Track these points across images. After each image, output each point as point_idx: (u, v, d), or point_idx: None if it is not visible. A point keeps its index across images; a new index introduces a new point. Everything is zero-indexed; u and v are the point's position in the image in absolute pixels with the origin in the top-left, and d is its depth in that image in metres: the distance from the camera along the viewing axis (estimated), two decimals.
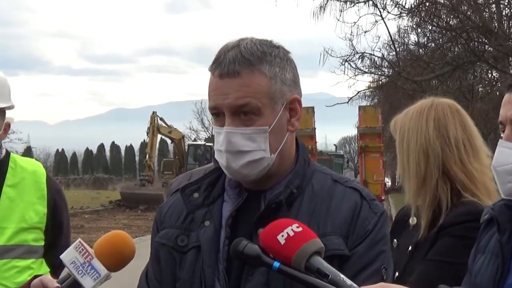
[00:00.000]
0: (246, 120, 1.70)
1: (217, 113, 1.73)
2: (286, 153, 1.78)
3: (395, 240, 2.45)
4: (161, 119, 34.02)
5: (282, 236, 1.53)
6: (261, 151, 1.71)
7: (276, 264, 1.53)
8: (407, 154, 2.42)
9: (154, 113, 33.60)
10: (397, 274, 2.32)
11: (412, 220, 2.43)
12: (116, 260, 1.78)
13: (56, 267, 2.67)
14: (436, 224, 2.33)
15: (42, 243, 2.69)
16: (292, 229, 1.54)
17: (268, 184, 1.77)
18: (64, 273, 1.82)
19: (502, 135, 1.87)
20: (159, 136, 35.04)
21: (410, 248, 2.38)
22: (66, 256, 1.78)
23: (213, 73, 1.73)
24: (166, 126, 34.48)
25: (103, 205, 31.10)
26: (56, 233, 2.74)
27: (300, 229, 1.54)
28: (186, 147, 36.24)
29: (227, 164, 1.72)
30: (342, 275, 1.49)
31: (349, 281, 1.47)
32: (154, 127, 32.81)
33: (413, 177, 2.40)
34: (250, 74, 1.69)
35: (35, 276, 1.88)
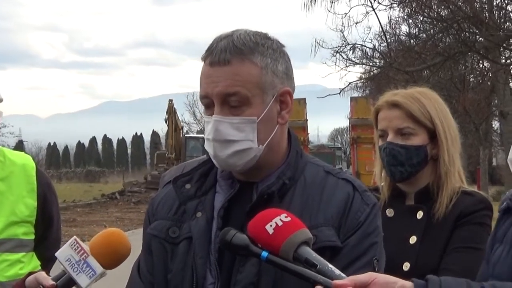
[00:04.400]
0: (235, 109, 1.69)
1: (208, 102, 1.72)
2: (276, 145, 1.77)
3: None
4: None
5: (271, 226, 1.52)
6: (248, 141, 1.70)
7: (265, 254, 1.52)
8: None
9: (170, 101, 33.30)
10: (409, 266, 2.27)
11: (419, 214, 2.35)
12: (112, 258, 1.78)
13: (46, 260, 2.66)
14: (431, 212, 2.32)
15: (32, 236, 2.67)
16: (280, 219, 1.53)
17: (259, 175, 1.76)
18: (59, 271, 1.81)
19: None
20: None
21: (415, 239, 2.31)
22: (62, 253, 1.77)
23: (205, 61, 1.73)
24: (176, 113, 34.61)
25: (95, 198, 31.01)
26: (46, 227, 2.73)
27: (289, 219, 1.54)
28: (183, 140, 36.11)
29: (214, 153, 1.72)
30: (330, 265, 1.48)
31: (337, 271, 1.47)
32: (173, 116, 32.61)
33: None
34: (241, 63, 1.69)
35: (30, 273, 1.86)
